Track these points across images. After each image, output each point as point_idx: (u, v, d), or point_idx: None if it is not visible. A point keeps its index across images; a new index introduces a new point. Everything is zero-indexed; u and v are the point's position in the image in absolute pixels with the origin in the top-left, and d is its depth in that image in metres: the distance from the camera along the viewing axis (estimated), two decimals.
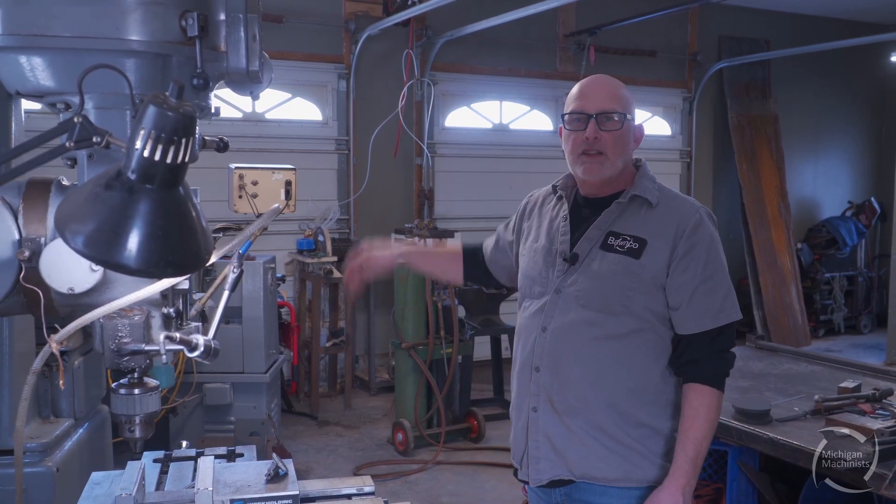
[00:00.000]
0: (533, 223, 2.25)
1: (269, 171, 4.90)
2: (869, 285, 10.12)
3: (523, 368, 2.12)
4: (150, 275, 1.20)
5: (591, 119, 2.00)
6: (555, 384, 2.03)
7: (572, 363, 2.02)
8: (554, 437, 2.04)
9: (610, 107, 2.01)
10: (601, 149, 2.00)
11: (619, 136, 2.02)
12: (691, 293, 1.96)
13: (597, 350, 2.00)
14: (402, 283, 5.70)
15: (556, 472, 2.05)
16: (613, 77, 2.15)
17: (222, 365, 4.75)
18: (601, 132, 2.00)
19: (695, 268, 1.97)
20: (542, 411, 2.05)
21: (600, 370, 2.00)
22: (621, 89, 2.09)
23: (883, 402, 2.90)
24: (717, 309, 1.97)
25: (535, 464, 2.08)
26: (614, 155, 2.02)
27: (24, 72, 1.33)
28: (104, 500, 1.61)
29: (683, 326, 1.99)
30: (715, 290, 1.98)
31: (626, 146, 2.05)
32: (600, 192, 2.10)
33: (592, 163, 2.02)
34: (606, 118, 2.01)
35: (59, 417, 3.12)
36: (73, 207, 1.16)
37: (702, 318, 1.97)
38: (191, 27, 1.33)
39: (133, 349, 1.36)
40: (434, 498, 4.80)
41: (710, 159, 9.47)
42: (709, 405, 1.98)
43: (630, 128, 2.07)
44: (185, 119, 1.12)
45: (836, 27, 9.31)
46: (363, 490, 1.76)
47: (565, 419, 2.02)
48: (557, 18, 8.16)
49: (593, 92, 2.05)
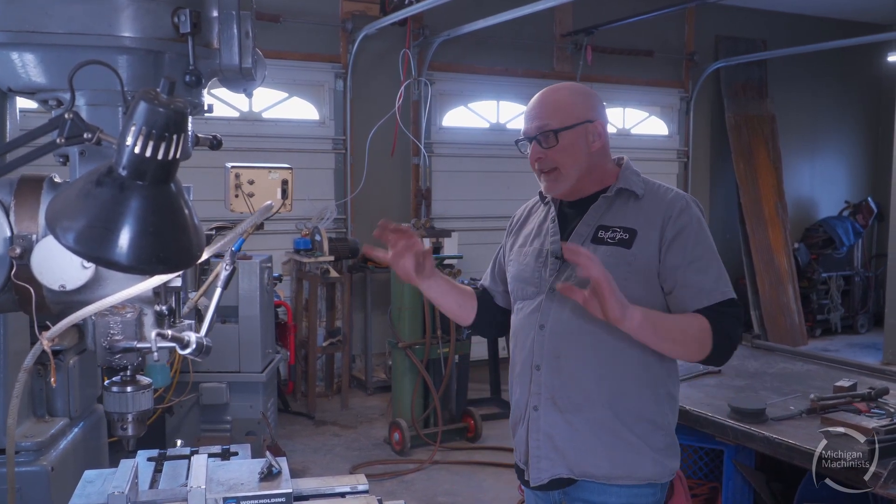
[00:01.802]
0: (522, 231, 2.26)
1: (266, 170, 4.88)
2: (866, 285, 10.14)
3: (523, 368, 2.11)
4: (142, 272, 1.20)
5: (533, 142, 2.05)
6: (556, 381, 2.02)
7: (573, 358, 2.01)
8: (555, 435, 2.03)
9: (543, 124, 2.02)
10: (551, 165, 2.04)
11: (561, 149, 2.02)
12: (683, 274, 1.95)
13: (596, 344, 1.99)
14: (398, 283, 5.69)
15: (557, 470, 2.04)
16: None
17: (219, 364, 4.75)
18: (544, 150, 2.03)
19: (684, 249, 1.96)
20: (543, 410, 2.04)
21: (601, 364, 2.00)
22: (558, 101, 2.05)
23: (878, 401, 2.90)
24: (711, 287, 1.95)
25: (535, 463, 2.06)
26: (565, 167, 2.03)
27: (15, 68, 1.33)
28: (97, 498, 1.61)
29: (680, 308, 1.96)
30: (706, 269, 1.96)
31: (576, 155, 2.03)
32: (577, 196, 2.10)
33: (549, 180, 2.07)
34: (546, 137, 2.02)
35: (54, 416, 3.12)
36: (63, 204, 1.15)
37: (697, 297, 1.94)
38: (183, 24, 1.32)
39: (125, 346, 1.35)
40: (431, 497, 4.80)
41: (707, 159, 9.48)
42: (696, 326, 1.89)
43: (577, 135, 2.03)
44: (177, 115, 1.12)
45: (832, 27, 9.33)
46: (357, 488, 1.75)
47: (567, 416, 2.01)
48: (554, 18, 8.16)
49: (531, 113, 2.08)
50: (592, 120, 2.05)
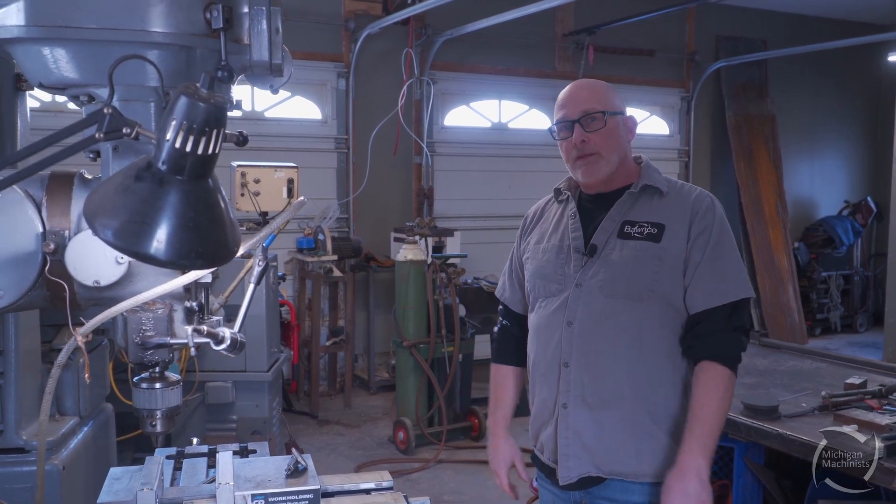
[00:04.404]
0: (536, 229, 2.26)
1: (272, 168, 4.89)
2: (865, 284, 10.17)
3: (550, 367, 2.09)
4: (180, 266, 1.19)
5: (576, 124, 2.05)
6: (586, 378, 2.02)
7: (603, 354, 2.01)
8: (584, 433, 2.02)
9: (590, 107, 2.05)
10: (592, 149, 2.04)
11: (607, 133, 2.04)
12: (701, 270, 1.97)
13: (626, 339, 1.99)
14: (403, 282, 5.69)
15: (585, 469, 2.03)
16: (607, 77, 2.16)
17: (224, 363, 4.73)
18: (587, 134, 2.04)
19: (707, 246, 1.98)
20: (572, 407, 2.03)
21: (630, 359, 1.99)
22: (601, 88, 2.11)
23: (889, 398, 2.91)
24: (727, 286, 1.98)
25: (564, 461, 2.06)
26: (607, 152, 2.05)
27: (47, 63, 1.32)
28: (125, 495, 1.60)
29: (695, 304, 1.99)
30: (724, 268, 1.99)
31: (618, 141, 2.07)
32: (605, 189, 2.11)
33: (589, 164, 2.06)
34: (590, 119, 2.04)
35: (64, 415, 3.11)
36: (102, 199, 1.15)
37: (712, 295, 1.97)
38: (215, 19, 1.32)
39: (158, 342, 1.35)
40: (436, 496, 4.80)
41: (707, 159, 9.50)
42: (721, 386, 1.95)
43: (618, 122, 2.08)
44: (216, 110, 1.12)
45: (832, 27, 9.36)
46: (381, 485, 1.75)
47: (598, 414, 2.01)
48: (556, 18, 8.18)
49: (572, 98, 2.09)
50: (626, 114, 2.12)
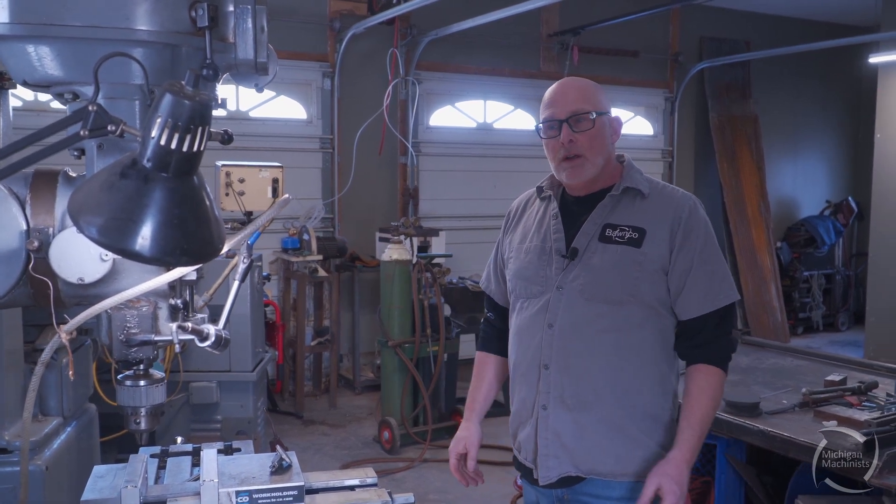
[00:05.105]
0: (520, 227, 2.25)
1: (256, 168, 4.88)
2: (846, 283, 10.28)
3: (530, 368, 2.10)
4: (165, 263, 1.20)
5: (563, 124, 2.03)
6: (566, 380, 2.03)
7: (583, 357, 2.02)
8: (563, 434, 2.04)
9: (579, 107, 2.03)
10: (578, 151, 2.03)
11: (594, 134, 2.03)
12: (691, 278, 1.99)
13: (606, 342, 2.01)
14: (388, 282, 5.69)
15: (565, 469, 2.05)
16: (592, 77, 2.17)
17: (208, 363, 4.71)
18: (575, 134, 2.02)
19: (693, 253, 2.00)
20: (552, 409, 2.05)
21: (610, 362, 2.01)
22: (589, 87, 2.10)
23: (868, 395, 2.96)
24: (717, 291, 2.01)
25: (544, 462, 2.07)
26: (593, 154, 2.04)
27: (32, 61, 1.32)
28: (108, 492, 1.60)
29: (686, 311, 2.02)
30: (713, 274, 2.01)
31: (603, 143, 2.06)
32: (587, 190, 2.12)
33: (573, 166, 2.05)
34: (578, 120, 2.03)
35: (47, 416, 3.09)
36: (87, 196, 1.15)
37: (703, 302, 2.00)
38: (201, 18, 1.32)
39: (143, 339, 1.35)
40: (421, 495, 4.80)
41: (691, 159, 9.56)
42: (715, 385, 2.02)
43: (605, 123, 2.07)
44: (202, 107, 1.12)
45: (814, 29, 9.45)
46: (366, 482, 1.76)
47: (576, 415, 2.03)
48: (541, 18, 8.21)
49: (561, 97, 2.07)
50: (612, 114, 2.11)
